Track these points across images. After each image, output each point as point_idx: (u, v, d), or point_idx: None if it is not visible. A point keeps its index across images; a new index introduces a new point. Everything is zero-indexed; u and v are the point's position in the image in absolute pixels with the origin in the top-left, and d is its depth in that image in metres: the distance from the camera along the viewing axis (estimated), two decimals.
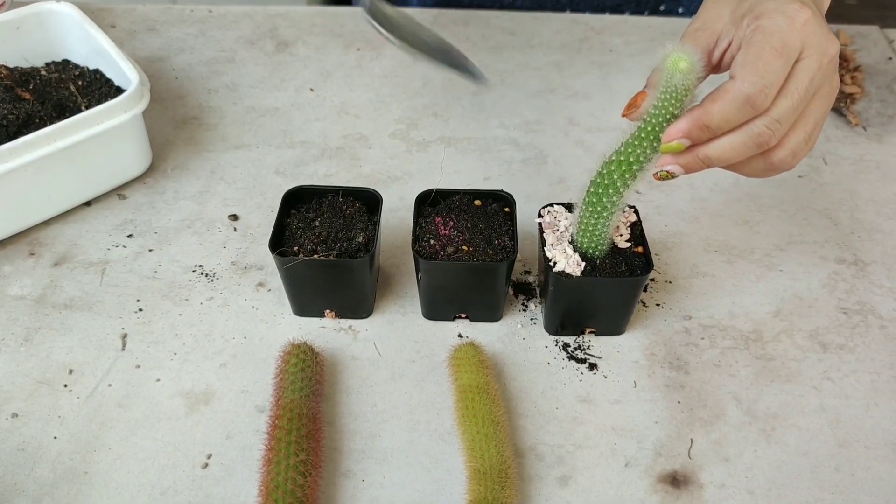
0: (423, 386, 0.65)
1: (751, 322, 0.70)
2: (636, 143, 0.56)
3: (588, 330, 0.68)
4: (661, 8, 1.08)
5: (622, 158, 0.57)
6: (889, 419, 0.63)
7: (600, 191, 0.59)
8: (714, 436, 0.62)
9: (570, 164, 0.85)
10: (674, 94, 0.52)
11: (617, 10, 1.08)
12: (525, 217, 0.73)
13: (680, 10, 1.09)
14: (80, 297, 0.70)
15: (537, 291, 0.72)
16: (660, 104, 0.53)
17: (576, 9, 1.08)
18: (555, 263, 0.63)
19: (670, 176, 0.56)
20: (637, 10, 1.08)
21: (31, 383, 0.64)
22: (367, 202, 0.69)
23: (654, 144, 0.55)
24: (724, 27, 0.55)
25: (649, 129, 0.54)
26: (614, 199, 0.59)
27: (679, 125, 0.53)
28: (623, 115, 0.57)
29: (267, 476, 0.55)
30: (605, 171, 0.59)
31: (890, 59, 1.00)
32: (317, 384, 0.62)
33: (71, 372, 0.65)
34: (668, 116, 0.53)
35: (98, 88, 0.81)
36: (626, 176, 0.58)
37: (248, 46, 1.00)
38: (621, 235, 0.66)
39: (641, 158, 0.56)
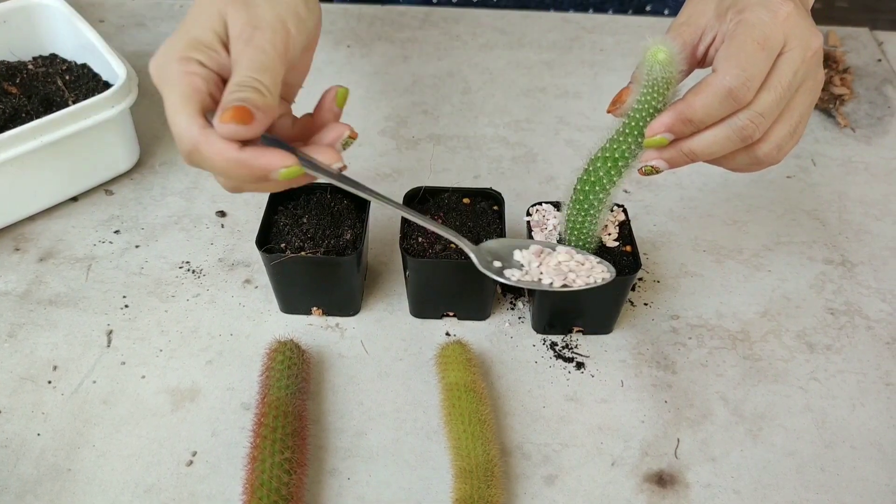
0: (409, 384, 0.64)
1: (738, 322, 0.70)
2: (621, 139, 0.56)
3: (576, 329, 0.68)
4: (648, 8, 1.08)
5: (607, 155, 0.57)
6: (875, 419, 0.63)
7: (587, 188, 0.59)
8: (701, 435, 0.62)
9: (559, 163, 0.85)
10: (655, 87, 0.52)
11: (600, 8, 1.08)
12: (514, 215, 0.73)
13: (666, 12, 1.09)
14: (65, 292, 0.70)
15: (525, 290, 0.72)
16: (642, 98, 0.53)
17: (559, 7, 1.08)
18: None
19: (655, 171, 0.56)
20: (621, 10, 1.08)
21: (14, 379, 0.63)
22: (356, 199, 0.69)
23: (639, 140, 0.55)
24: (708, 22, 0.55)
25: (633, 124, 0.54)
26: (601, 196, 0.59)
27: (662, 119, 0.53)
28: (608, 112, 0.57)
29: (252, 474, 0.55)
30: (591, 169, 0.59)
31: (879, 60, 1.00)
32: (303, 382, 0.61)
33: (55, 368, 0.64)
34: (650, 111, 0.53)
35: (85, 83, 0.80)
36: (612, 173, 0.58)
37: None
38: (609, 234, 0.66)
39: (627, 154, 0.56)
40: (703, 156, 0.54)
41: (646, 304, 0.71)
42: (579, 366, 0.66)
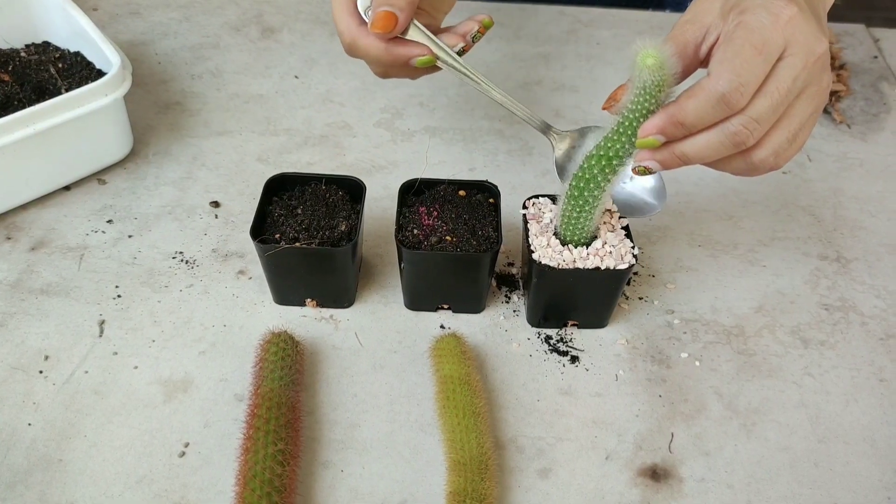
0: (404, 376, 0.64)
1: (733, 317, 0.70)
2: (615, 138, 0.56)
3: (570, 323, 0.68)
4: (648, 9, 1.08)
5: (602, 153, 0.57)
6: (868, 415, 0.63)
7: (581, 185, 0.59)
8: (695, 430, 0.62)
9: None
10: (647, 91, 0.52)
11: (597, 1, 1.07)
12: (509, 208, 0.73)
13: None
14: (57, 282, 0.69)
15: (520, 283, 0.72)
16: (635, 99, 0.53)
17: (556, 0, 1.07)
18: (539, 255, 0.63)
19: (648, 171, 0.55)
20: (615, 5, 1.07)
21: (5, 369, 0.63)
22: (351, 191, 0.68)
23: (633, 139, 0.55)
24: (712, 21, 0.54)
25: (626, 124, 0.54)
26: (595, 193, 0.59)
27: (653, 121, 0.52)
28: (603, 108, 0.56)
29: (245, 465, 0.54)
30: (585, 166, 0.58)
31: (875, 57, 1.00)
32: (297, 373, 0.61)
33: (47, 358, 0.64)
34: (644, 112, 0.53)
35: (79, 71, 0.79)
36: (607, 171, 0.58)
37: (233, 32, 0.99)
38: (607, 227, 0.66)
39: (621, 153, 0.56)
40: (696, 159, 0.54)
41: (641, 299, 0.71)
42: (574, 359, 0.66)
